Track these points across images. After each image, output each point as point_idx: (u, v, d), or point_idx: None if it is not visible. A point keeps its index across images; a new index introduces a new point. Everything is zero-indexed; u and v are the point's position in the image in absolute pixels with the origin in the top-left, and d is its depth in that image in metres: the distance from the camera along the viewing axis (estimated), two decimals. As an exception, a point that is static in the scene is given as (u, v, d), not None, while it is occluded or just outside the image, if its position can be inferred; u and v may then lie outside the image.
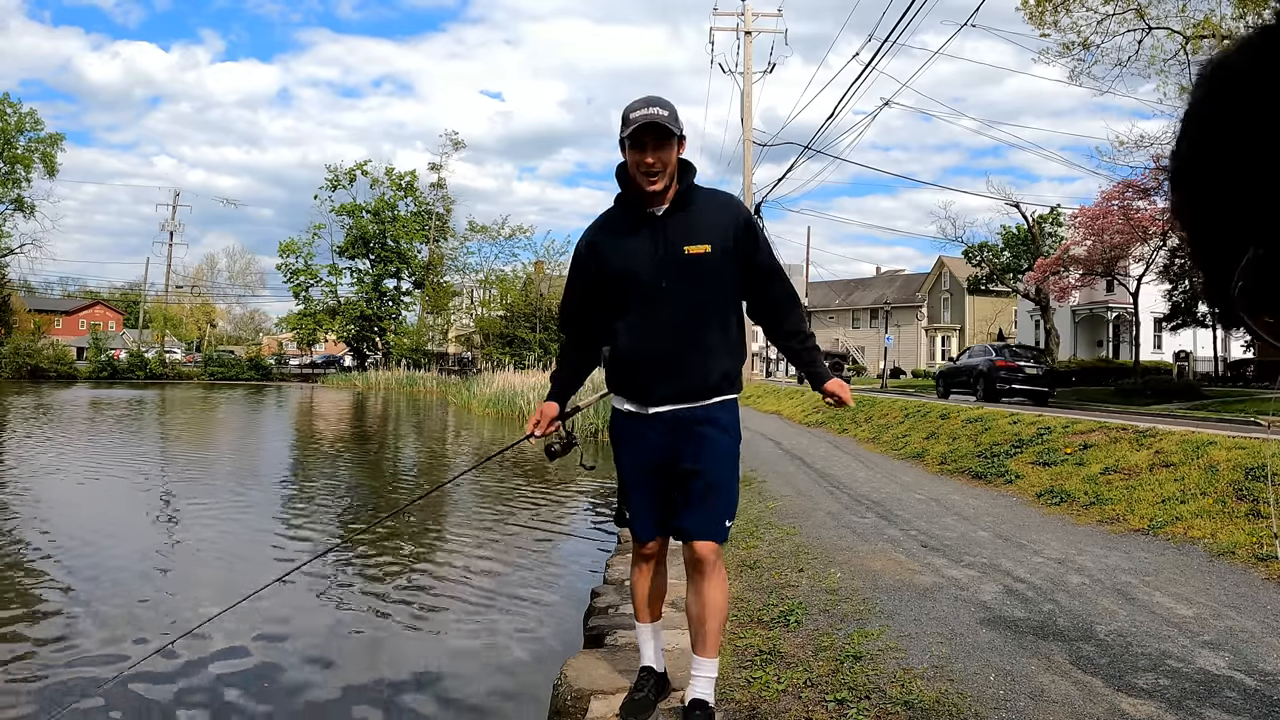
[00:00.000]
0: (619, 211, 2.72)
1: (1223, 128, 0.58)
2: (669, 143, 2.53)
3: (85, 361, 55.60)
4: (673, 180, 2.60)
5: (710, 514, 2.61)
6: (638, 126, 2.47)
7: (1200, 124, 0.60)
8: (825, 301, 63.94)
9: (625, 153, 2.57)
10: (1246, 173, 0.56)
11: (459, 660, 4.69)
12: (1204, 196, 0.60)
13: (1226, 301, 0.59)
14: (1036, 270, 27.23)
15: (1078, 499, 6.93)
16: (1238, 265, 0.57)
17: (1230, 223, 0.58)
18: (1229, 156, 0.57)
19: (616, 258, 2.66)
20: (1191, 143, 0.61)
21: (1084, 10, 18.68)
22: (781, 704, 2.93)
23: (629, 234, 2.66)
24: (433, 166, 60.78)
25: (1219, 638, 3.60)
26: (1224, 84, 0.59)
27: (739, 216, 2.68)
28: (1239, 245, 0.57)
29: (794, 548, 5.45)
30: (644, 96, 2.56)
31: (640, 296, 2.63)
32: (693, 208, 2.64)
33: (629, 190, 2.66)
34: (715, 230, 2.62)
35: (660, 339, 2.62)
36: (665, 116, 2.49)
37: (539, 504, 9.84)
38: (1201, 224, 0.61)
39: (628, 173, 2.62)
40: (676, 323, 2.61)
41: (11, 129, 50.76)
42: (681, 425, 2.64)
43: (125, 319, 77.82)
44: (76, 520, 8.32)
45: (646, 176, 2.54)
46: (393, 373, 48.71)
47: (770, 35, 51.85)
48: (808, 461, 10.49)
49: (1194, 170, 0.61)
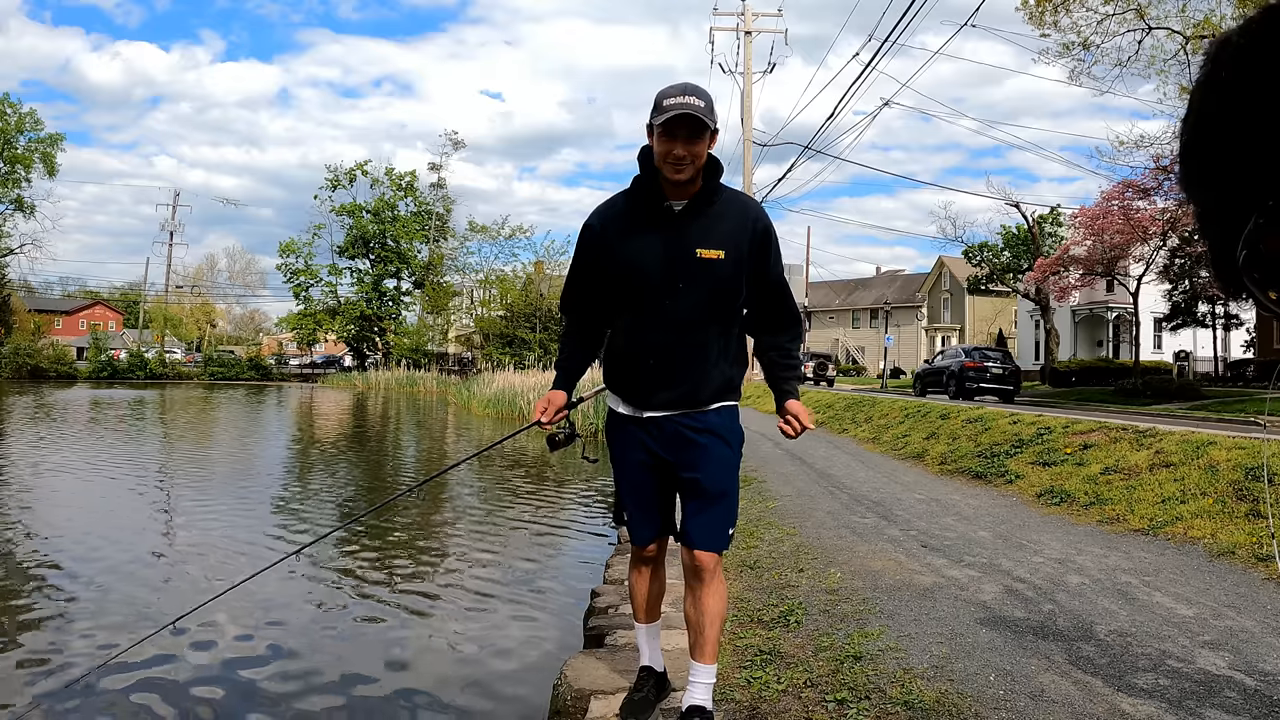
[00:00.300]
0: (634, 199, 2.59)
1: (1225, 100, 0.60)
2: (702, 136, 2.42)
3: (85, 361, 55.62)
4: (698, 175, 2.49)
5: (713, 523, 2.58)
6: (672, 116, 2.37)
7: (1204, 97, 0.63)
8: (825, 301, 63.94)
9: (653, 138, 2.45)
10: (1248, 142, 0.58)
11: (458, 660, 4.69)
12: (1209, 167, 0.63)
13: (1233, 272, 0.62)
14: (1036, 270, 27.24)
15: (1078, 499, 6.93)
16: (1242, 234, 0.60)
17: (1234, 191, 0.60)
18: (1231, 127, 0.60)
19: (626, 250, 2.55)
20: (1198, 115, 0.64)
21: (1084, 10, 18.70)
22: (781, 704, 2.93)
23: (642, 226, 2.55)
24: (433, 166, 60.94)
25: (1219, 638, 3.60)
26: (1226, 59, 0.61)
27: (758, 225, 2.57)
28: (1243, 214, 0.60)
29: (794, 548, 5.45)
30: (681, 83, 2.45)
31: (645, 294, 2.54)
32: (713, 209, 2.53)
33: (648, 176, 2.54)
34: (732, 236, 2.52)
35: (661, 341, 2.55)
36: (701, 108, 2.38)
37: (539, 502, 9.84)
38: (1207, 194, 0.64)
39: (651, 157, 2.51)
40: (680, 325, 2.53)
41: (11, 129, 50.79)
42: (678, 433, 2.59)
43: (125, 319, 77.83)
44: (74, 518, 8.31)
45: (674, 167, 2.43)
46: (393, 373, 48.75)
47: (770, 35, 51.82)
48: (808, 461, 10.49)
49: (1199, 141, 0.64)
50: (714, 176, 2.54)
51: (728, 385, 2.64)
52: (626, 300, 2.60)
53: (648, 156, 2.54)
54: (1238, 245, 0.60)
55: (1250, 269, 0.60)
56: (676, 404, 2.58)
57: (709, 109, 2.42)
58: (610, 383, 2.72)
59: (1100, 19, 18.64)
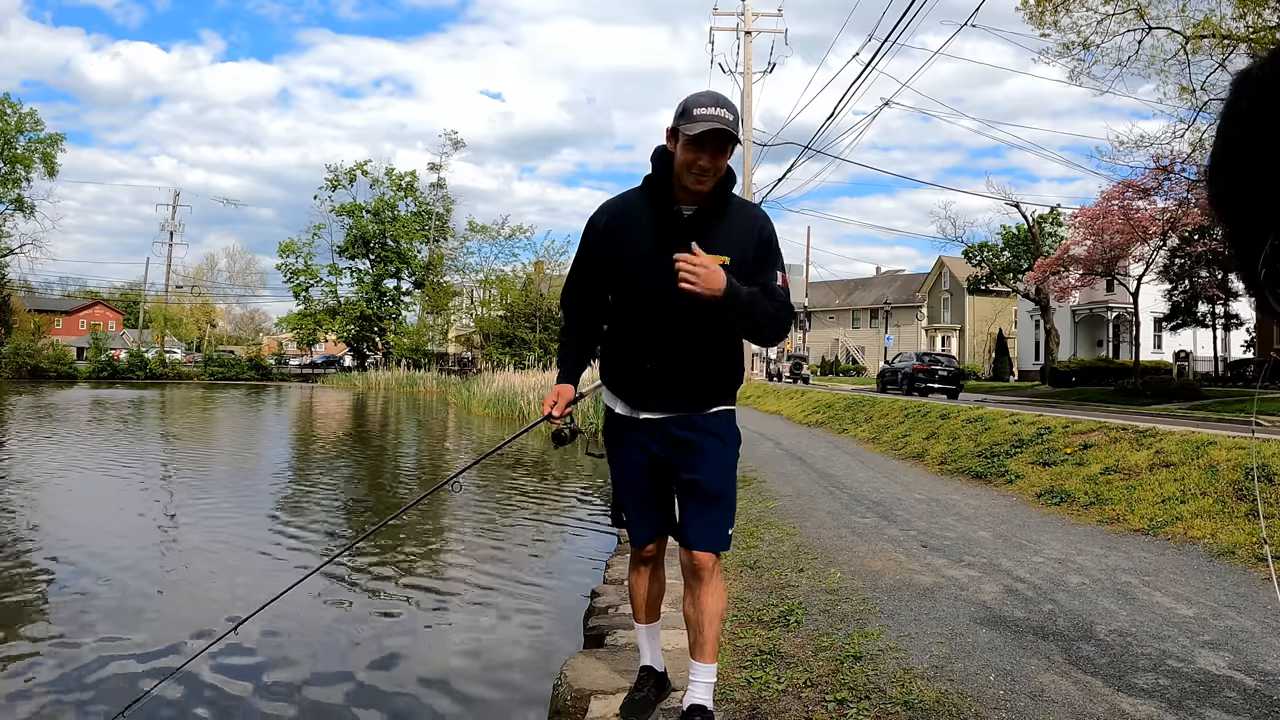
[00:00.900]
0: (644, 199, 2.58)
1: (1245, 131, 0.65)
2: (728, 149, 2.44)
3: (85, 361, 55.63)
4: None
5: (711, 524, 2.59)
6: (706, 130, 2.36)
7: (1227, 126, 0.67)
8: (825, 301, 63.92)
9: (675, 143, 2.44)
10: (1265, 171, 0.62)
11: (459, 659, 4.69)
12: (1231, 192, 0.67)
13: (1257, 285, 0.67)
14: (1036, 270, 27.27)
15: (1078, 499, 6.93)
16: (1262, 254, 0.64)
17: (1254, 215, 0.64)
18: (1250, 157, 0.64)
19: (630, 249, 2.55)
20: (1222, 143, 0.68)
21: (1084, 10, 18.69)
22: (781, 704, 2.93)
23: (650, 227, 2.54)
24: (433, 166, 60.93)
25: (1219, 638, 3.60)
26: (1247, 91, 0.66)
27: (761, 233, 2.57)
28: (1263, 235, 0.64)
29: (794, 548, 5.45)
30: (711, 93, 2.45)
31: (647, 294, 2.54)
32: (722, 216, 2.54)
33: (661, 178, 2.54)
34: (738, 243, 2.52)
35: (661, 343, 2.55)
36: (731, 122, 2.39)
37: (539, 503, 9.84)
38: (1231, 216, 0.68)
39: (665, 160, 2.51)
40: (680, 328, 2.53)
41: (11, 129, 50.78)
42: (675, 435, 2.59)
43: (125, 319, 77.84)
44: (77, 521, 8.32)
45: (697, 178, 2.44)
46: (393, 373, 48.75)
47: (770, 35, 51.87)
48: (808, 461, 10.49)
49: (1222, 168, 0.68)
50: (726, 185, 2.54)
51: (724, 390, 2.64)
52: (628, 300, 2.60)
53: (663, 158, 2.54)
54: (1259, 263, 0.65)
55: (1273, 285, 0.65)
56: (673, 407, 2.59)
57: (736, 122, 2.42)
58: (608, 381, 2.72)
59: (1100, 19, 18.63)
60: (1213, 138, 0.70)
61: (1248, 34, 17.20)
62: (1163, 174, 21.15)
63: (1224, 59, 17.58)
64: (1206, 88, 17.91)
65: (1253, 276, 0.66)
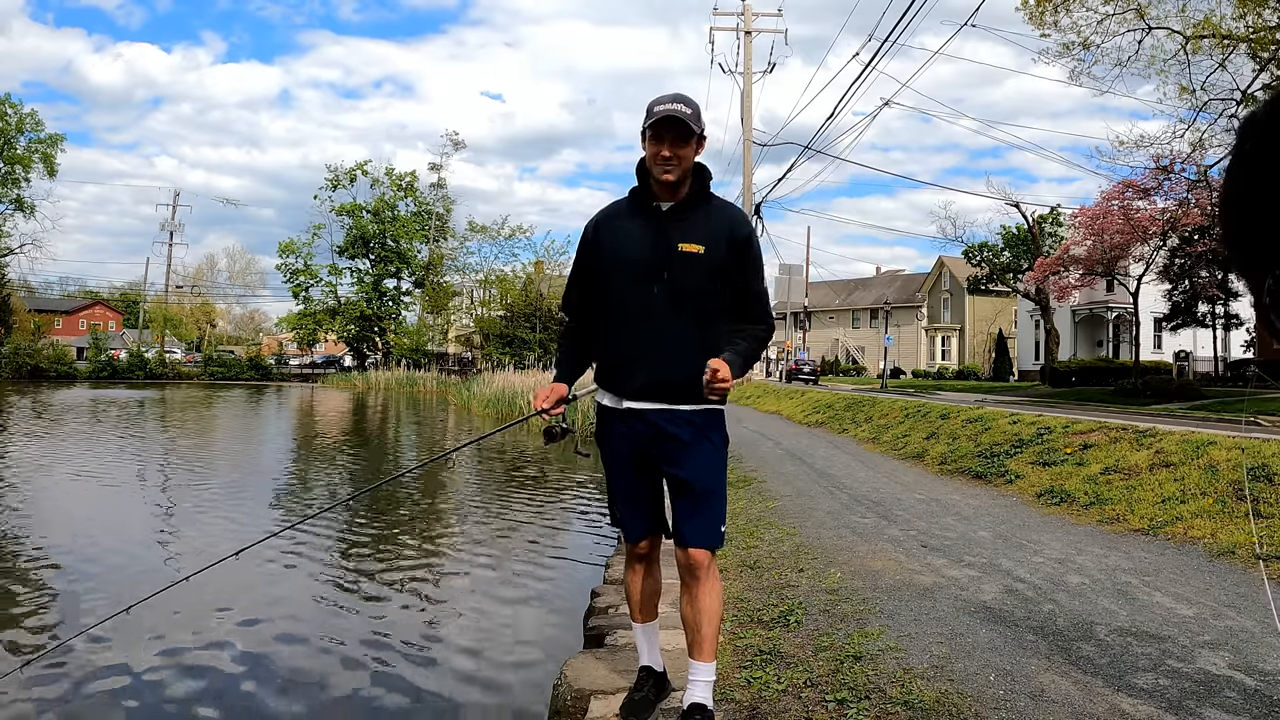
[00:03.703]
0: (628, 202, 2.78)
1: (1249, 173, 0.70)
2: (689, 140, 2.59)
3: (85, 361, 55.60)
4: (687, 177, 2.66)
5: (703, 521, 2.62)
6: (659, 119, 2.55)
7: (1233, 166, 0.73)
8: (825, 301, 63.87)
9: (645, 143, 2.63)
10: (1268, 213, 0.68)
11: (459, 659, 4.69)
12: (1238, 229, 0.73)
13: (1264, 313, 0.72)
14: (1036, 270, 27.25)
15: (1078, 499, 6.93)
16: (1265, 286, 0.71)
17: (1258, 252, 0.70)
18: (1254, 198, 0.70)
19: (614, 243, 2.71)
20: (1229, 182, 0.74)
21: (1084, 10, 18.66)
22: (781, 704, 2.93)
23: (631, 223, 2.71)
24: (433, 167, 60.90)
25: (1219, 638, 3.60)
26: (1252, 133, 0.71)
27: (739, 231, 2.70)
28: (1267, 269, 0.70)
29: (794, 548, 5.45)
30: (671, 93, 2.63)
31: (630, 284, 2.66)
32: (699, 211, 2.68)
33: (643, 183, 2.73)
34: (713, 234, 2.66)
35: (640, 328, 2.65)
36: (688, 114, 2.56)
37: (539, 502, 9.85)
38: (1237, 251, 0.74)
39: (645, 166, 2.69)
40: (659, 315, 2.63)
41: (12, 129, 50.77)
42: (659, 426, 2.64)
43: (125, 319, 77.83)
44: (76, 520, 8.32)
45: (662, 168, 2.60)
46: (393, 373, 48.73)
47: (770, 35, 51.90)
48: (808, 461, 10.49)
49: (1229, 207, 0.74)
50: (700, 181, 2.71)
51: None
52: (614, 291, 2.71)
53: (643, 165, 2.72)
54: (1263, 293, 0.71)
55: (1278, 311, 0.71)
56: (654, 394, 2.64)
57: (695, 116, 2.60)
58: (597, 376, 2.81)
59: (1100, 19, 18.60)
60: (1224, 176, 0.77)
61: (1248, 34, 17.20)
62: (1163, 174, 21.12)
63: (1224, 59, 17.58)
64: (1206, 88, 17.91)
65: (1260, 304, 0.72)
